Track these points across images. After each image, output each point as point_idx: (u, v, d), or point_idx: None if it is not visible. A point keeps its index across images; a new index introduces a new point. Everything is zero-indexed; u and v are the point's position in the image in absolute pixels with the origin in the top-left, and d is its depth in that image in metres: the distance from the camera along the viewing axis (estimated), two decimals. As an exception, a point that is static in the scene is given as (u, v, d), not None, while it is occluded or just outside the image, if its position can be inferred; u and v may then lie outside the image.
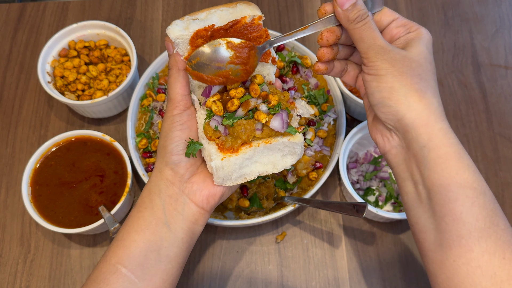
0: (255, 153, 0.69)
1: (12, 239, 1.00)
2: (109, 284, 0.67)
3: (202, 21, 0.67)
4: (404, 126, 0.64)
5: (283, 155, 0.71)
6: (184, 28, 0.67)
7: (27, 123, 1.12)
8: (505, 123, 1.11)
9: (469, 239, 0.59)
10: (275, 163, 0.71)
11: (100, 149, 0.99)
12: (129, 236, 0.70)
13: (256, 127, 0.68)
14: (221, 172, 0.68)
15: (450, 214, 0.60)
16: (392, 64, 0.63)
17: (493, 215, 0.60)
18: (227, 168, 0.68)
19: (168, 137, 0.71)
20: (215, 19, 0.67)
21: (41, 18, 1.25)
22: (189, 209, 0.72)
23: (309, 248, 0.98)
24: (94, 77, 1.08)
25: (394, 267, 0.96)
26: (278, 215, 0.92)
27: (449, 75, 1.17)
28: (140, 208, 0.72)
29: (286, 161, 0.72)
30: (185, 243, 0.72)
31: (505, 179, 1.05)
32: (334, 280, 0.95)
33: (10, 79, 1.18)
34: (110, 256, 0.70)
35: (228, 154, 0.68)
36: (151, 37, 1.23)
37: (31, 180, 0.95)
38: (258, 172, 0.71)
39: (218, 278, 0.96)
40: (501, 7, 1.26)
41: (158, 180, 0.72)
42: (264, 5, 1.27)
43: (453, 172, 0.61)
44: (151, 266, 0.69)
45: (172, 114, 0.71)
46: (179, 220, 0.71)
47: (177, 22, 0.67)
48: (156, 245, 0.69)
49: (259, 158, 0.70)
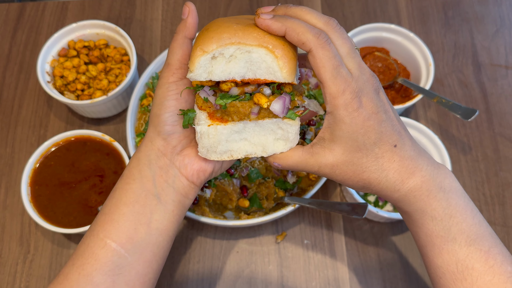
0: (245, 127, 0.64)
1: (11, 239, 1.00)
2: (98, 259, 0.65)
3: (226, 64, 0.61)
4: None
5: (275, 139, 0.66)
6: (208, 73, 0.61)
7: (26, 123, 1.12)
8: (506, 123, 1.11)
9: (445, 279, 0.65)
10: (265, 145, 0.66)
11: (99, 149, 0.98)
12: (117, 209, 0.67)
13: (252, 111, 0.63)
14: (205, 141, 0.64)
15: (425, 257, 0.68)
16: (330, 176, 0.65)
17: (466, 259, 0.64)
18: (213, 137, 0.64)
19: (162, 106, 0.67)
20: (241, 65, 0.61)
21: (40, 17, 1.25)
22: (179, 182, 0.69)
23: (309, 248, 0.98)
24: (93, 76, 1.08)
25: (394, 267, 0.96)
26: (278, 215, 0.92)
27: (449, 75, 1.17)
28: (128, 179, 0.69)
29: (278, 146, 0.66)
30: (175, 215, 0.70)
31: (505, 179, 1.05)
32: (334, 281, 0.95)
33: (9, 79, 1.18)
34: (97, 230, 0.67)
35: (217, 123, 0.64)
36: (150, 36, 1.23)
37: (30, 180, 0.95)
38: (246, 152, 0.66)
39: (218, 278, 0.96)
40: (501, 7, 1.26)
41: (149, 150, 0.69)
42: (264, 5, 1.27)
43: (418, 223, 0.66)
44: (141, 239, 0.66)
45: (168, 81, 0.67)
46: (170, 192, 0.69)
47: (200, 64, 0.61)
48: (146, 218, 0.67)
49: (249, 135, 0.65)
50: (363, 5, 1.27)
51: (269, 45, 0.59)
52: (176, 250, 0.98)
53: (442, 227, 0.64)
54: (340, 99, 0.59)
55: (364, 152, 0.62)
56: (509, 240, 0.99)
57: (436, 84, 1.16)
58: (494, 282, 0.61)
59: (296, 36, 0.59)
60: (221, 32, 0.60)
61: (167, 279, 0.96)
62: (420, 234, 0.66)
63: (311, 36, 0.58)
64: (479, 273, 0.62)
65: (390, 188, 0.64)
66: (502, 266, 0.62)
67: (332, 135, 0.62)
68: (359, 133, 0.61)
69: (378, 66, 1.11)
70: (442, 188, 0.64)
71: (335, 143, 0.62)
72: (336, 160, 0.63)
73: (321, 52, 0.58)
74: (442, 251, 0.64)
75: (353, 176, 0.64)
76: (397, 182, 0.64)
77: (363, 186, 0.65)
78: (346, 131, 0.61)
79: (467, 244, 0.63)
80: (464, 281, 0.62)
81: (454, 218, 0.63)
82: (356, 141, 0.61)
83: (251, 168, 0.96)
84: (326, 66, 0.58)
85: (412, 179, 0.64)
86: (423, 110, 1.13)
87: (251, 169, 0.96)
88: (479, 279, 0.62)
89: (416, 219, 0.66)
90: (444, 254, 0.64)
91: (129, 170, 0.70)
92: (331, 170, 0.64)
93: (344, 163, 0.63)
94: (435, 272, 0.65)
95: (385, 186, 0.64)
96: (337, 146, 0.62)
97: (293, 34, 0.59)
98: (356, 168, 0.63)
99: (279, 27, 0.60)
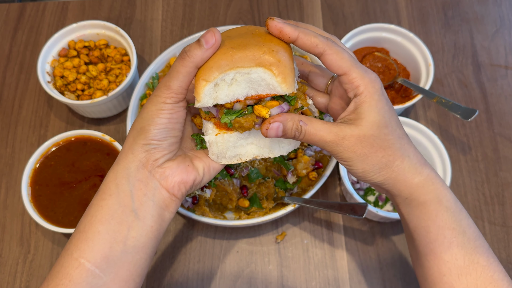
0: (250, 134, 0.68)
1: (11, 239, 1.00)
2: (72, 279, 0.63)
3: (229, 88, 0.63)
4: (385, 187, 0.68)
5: (280, 140, 0.69)
6: (213, 99, 0.64)
7: (26, 123, 1.12)
8: (505, 123, 1.11)
9: (450, 276, 0.64)
10: (271, 147, 0.70)
11: (100, 149, 0.98)
12: (92, 227, 0.65)
13: (256, 123, 0.65)
14: (214, 148, 0.68)
15: (431, 254, 0.66)
16: (352, 151, 0.63)
17: (472, 253, 0.64)
18: (221, 144, 0.68)
19: (153, 122, 0.66)
20: (243, 86, 0.63)
21: (40, 18, 1.25)
22: (160, 195, 0.67)
23: (309, 248, 0.98)
24: (94, 77, 1.08)
25: (394, 267, 0.96)
26: (278, 215, 0.92)
27: (449, 75, 1.17)
28: (104, 195, 0.66)
29: (284, 147, 0.70)
30: (154, 231, 0.67)
31: (505, 179, 1.05)
32: (334, 281, 0.95)
33: (9, 79, 1.18)
34: (71, 249, 0.65)
35: (223, 131, 0.67)
36: (151, 37, 1.23)
37: (30, 180, 0.95)
38: (253, 154, 0.70)
39: (218, 278, 0.96)
40: (501, 7, 1.26)
41: (129, 162, 0.66)
42: (264, 5, 1.27)
43: (433, 215, 0.65)
44: (117, 258, 0.64)
45: (164, 102, 0.66)
46: (149, 206, 0.66)
47: (205, 93, 0.63)
48: (122, 235, 0.65)
49: (254, 139, 0.69)
50: (363, 5, 1.27)
51: (266, 63, 0.62)
52: (176, 250, 0.98)
53: (454, 219, 0.65)
54: (366, 78, 0.63)
55: (390, 129, 0.64)
56: (509, 240, 0.99)
57: (436, 84, 1.16)
58: (495, 278, 0.63)
59: (310, 39, 0.62)
60: (218, 60, 0.63)
61: (167, 279, 0.96)
62: (432, 228, 0.65)
63: (323, 39, 0.63)
64: (483, 268, 0.63)
65: (412, 168, 0.65)
66: (498, 265, 0.65)
67: (360, 112, 0.63)
68: (385, 110, 0.63)
69: (378, 66, 1.11)
70: (446, 184, 0.68)
71: (362, 119, 0.63)
72: (364, 133, 0.63)
73: (335, 48, 0.62)
74: (452, 245, 0.64)
75: (379, 150, 0.63)
76: (417, 165, 0.65)
77: (386, 164, 0.64)
78: (375, 106, 0.63)
79: (474, 239, 0.65)
80: (469, 275, 0.63)
81: (463, 212, 0.66)
82: (384, 117, 0.63)
83: (251, 168, 0.96)
84: (344, 57, 0.62)
85: (427, 166, 0.67)
86: (423, 110, 1.13)
87: (251, 169, 0.96)
88: (483, 274, 0.63)
89: (431, 210, 0.65)
90: (453, 247, 0.64)
91: (106, 184, 0.67)
92: (357, 141, 0.63)
93: (372, 136, 0.63)
94: (440, 270, 0.65)
95: (408, 165, 0.65)
96: (365, 121, 0.63)
97: (306, 37, 0.62)
98: (383, 143, 0.63)
99: (292, 31, 0.62)
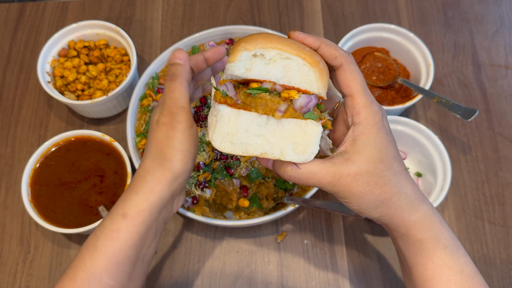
0: (267, 123, 0.60)
1: (11, 239, 1.00)
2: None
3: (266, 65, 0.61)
4: (382, 222, 0.67)
5: (294, 143, 0.61)
6: (246, 69, 0.61)
7: (26, 123, 1.12)
8: (506, 123, 1.11)
9: None
10: (284, 149, 0.61)
11: (99, 149, 0.98)
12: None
13: (279, 108, 0.60)
14: (224, 126, 0.60)
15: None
16: (348, 191, 0.62)
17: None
18: (233, 122, 0.60)
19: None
20: (279, 69, 0.61)
21: (40, 18, 1.25)
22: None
23: (309, 248, 0.98)
24: (93, 77, 1.08)
25: (394, 267, 0.96)
26: (278, 215, 0.92)
27: (449, 75, 1.17)
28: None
29: (296, 153, 0.61)
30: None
31: (505, 179, 1.05)
32: (334, 281, 0.95)
33: (9, 79, 1.18)
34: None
35: (240, 108, 0.61)
36: (151, 37, 1.23)
37: (30, 180, 0.95)
38: (263, 149, 0.61)
39: (218, 278, 0.96)
40: (501, 7, 1.26)
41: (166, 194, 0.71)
42: (264, 5, 1.27)
43: (430, 253, 0.65)
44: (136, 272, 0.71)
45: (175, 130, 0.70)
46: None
47: (242, 57, 0.61)
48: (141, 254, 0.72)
49: (269, 132, 0.61)
50: (363, 5, 1.27)
51: (307, 57, 0.61)
52: (176, 250, 0.98)
53: (452, 257, 0.64)
54: (370, 108, 0.62)
55: (386, 164, 0.62)
56: (509, 240, 0.99)
57: (436, 84, 1.16)
58: None
59: (330, 50, 0.63)
60: (265, 37, 0.62)
61: (167, 279, 0.96)
62: (429, 266, 0.65)
63: (343, 52, 0.63)
64: None
65: (409, 205, 0.64)
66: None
67: (357, 146, 0.62)
68: (383, 144, 0.62)
69: (378, 66, 1.11)
70: (444, 221, 0.67)
71: (359, 154, 0.61)
72: (360, 170, 0.61)
73: (352, 65, 0.63)
74: (450, 283, 0.64)
75: (375, 188, 0.62)
76: (415, 202, 0.64)
77: (382, 201, 0.63)
78: (372, 140, 0.62)
79: (471, 276, 0.65)
80: None
81: (460, 250, 0.66)
82: (380, 152, 0.62)
83: (251, 168, 0.96)
84: (357, 79, 0.62)
85: (425, 203, 0.66)
86: (423, 110, 1.13)
87: (251, 169, 0.96)
88: None
89: (428, 248, 0.65)
90: (451, 286, 0.64)
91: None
92: (354, 179, 0.61)
93: (368, 173, 0.61)
94: None
95: (405, 202, 0.64)
96: (361, 156, 0.61)
97: (327, 48, 0.63)
98: (379, 180, 0.62)
99: (314, 40, 0.63)
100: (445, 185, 0.93)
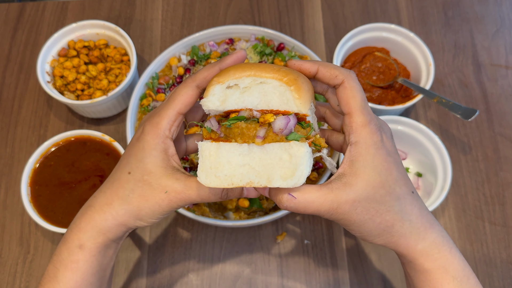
0: (250, 151, 0.59)
1: (11, 240, 0.99)
2: None
3: (240, 94, 0.60)
4: (389, 248, 0.65)
5: (281, 167, 0.58)
6: (221, 102, 0.61)
7: (26, 123, 1.12)
8: (506, 123, 1.11)
9: None
10: (270, 175, 0.58)
11: (99, 149, 0.98)
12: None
13: (258, 134, 0.59)
14: (206, 161, 0.59)
15: None
16: (347, 219, 0.59)
17: None
18: (214, 155, 0.59)
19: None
20: (255, 96, 0.60)
21: (40, 17, 1.25)
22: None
23: (309, 248, 0.98)
24: (93, 76, 1.08)
25: (394, 268, 0.96)
26: (278, 215, 0.92)
27: (449, 75, 1.17)
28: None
29: (283, 179, 0.58)
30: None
31: (505, 179, 1.05)
32: (334, 281, 0.95)
33: (9, 79, 1.18)
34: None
35: (221, 141, 0.60)
36: (150, 36, 1.23)
37: (30, 180, 0.95)
38: (248, 179, 0.59)
39: (218, 278, 0.96)
40: (501, 7, 1.26)
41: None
42: (264, 5, 1.27)
43: (438, 283, 0.62)
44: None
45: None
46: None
47: (215, 91, 0.60)
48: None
49: (252, 160, 0.59)
50: (363, 5, 1.27)
51: (283, 77, 0.59)
52: (176, 250, 0.98)
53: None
54: (368, 127, 0.60)
55: (387, 189, 0.59)
56: (509, 240, 0.99)
57: (436, 84, 1.16)
58: None
59: (329, 71, 0.62)
60: (237, 67, 0.62)
61: (167, 279, 0.96)
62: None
63: (344, 70, 0.62)
64: None
65: (414, 234, 0.61)
66: None
67: (354, 168, 0.59)
68: (383, 167, 0.59)
69: (378, 66, 1.11)
70: (455, 247, 0.64)
71: (357, 177, 0.58)
72: (359, 196, 0.58)
73: (352, 83, 0.61)
74: None
75: (375, 216, 0.59)
76: (421, 229, 0.61)
77: (384, 230, 0.60)
78: (370, 162, 0.59)
79: None
80: None
81: (470, 280, 0.63)
82: (379, 175, 0.59)
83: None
84: (356, 97, 0.61)
85: (434, 230, 0.62)
86: (423, 110, 1.13)
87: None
88: None
89: (436, 278, 0.62)
90: None
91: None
92: (352, 207, 0.58)
93: (367, 199, 0.58)
94: None
95: (409, 231, 0.61)
96: (359, 180, 0.58)
97: (326, 70, 0.62)
98: (380, 207, 0.59)
99: (311, 65, 0.63)
100: (445, 185, 0.93)
